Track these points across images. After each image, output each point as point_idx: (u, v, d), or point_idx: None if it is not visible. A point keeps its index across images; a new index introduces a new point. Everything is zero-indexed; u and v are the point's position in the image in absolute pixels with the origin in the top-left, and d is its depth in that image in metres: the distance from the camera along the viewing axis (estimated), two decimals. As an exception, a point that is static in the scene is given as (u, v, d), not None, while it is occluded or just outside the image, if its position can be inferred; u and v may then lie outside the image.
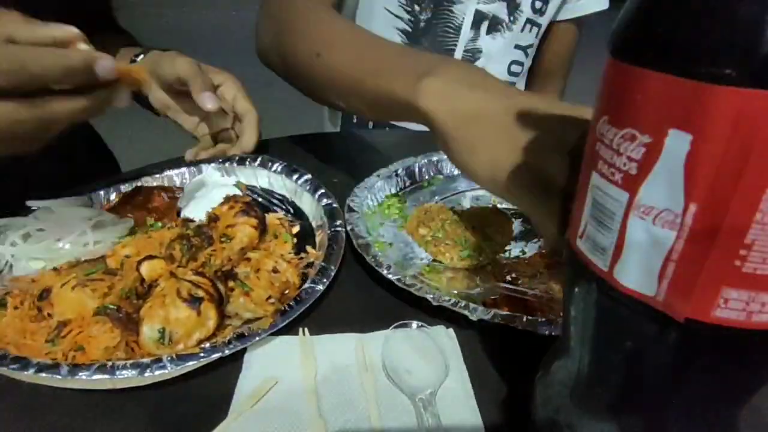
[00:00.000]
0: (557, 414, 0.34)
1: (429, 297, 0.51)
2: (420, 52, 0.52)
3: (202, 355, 0.46)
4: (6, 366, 0.44)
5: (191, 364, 0.45)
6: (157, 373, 0.44)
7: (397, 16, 0.82)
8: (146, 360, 0.45)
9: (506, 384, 0.47)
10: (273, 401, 0.45)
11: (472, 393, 0.45)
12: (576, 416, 0.32)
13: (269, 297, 0.53)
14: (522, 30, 0.86)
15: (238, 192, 0.72)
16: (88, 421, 0.43)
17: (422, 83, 0.45)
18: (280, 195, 0.75)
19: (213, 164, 0.77)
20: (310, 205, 0.71)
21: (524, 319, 0.48)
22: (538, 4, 0.86)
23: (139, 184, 0.74)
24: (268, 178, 0.76)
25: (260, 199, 0.74)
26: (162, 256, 0.54)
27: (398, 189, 0.75)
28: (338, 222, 0.64)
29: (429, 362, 0.48)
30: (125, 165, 1.00)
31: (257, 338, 0.48)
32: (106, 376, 0.43)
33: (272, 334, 0.49)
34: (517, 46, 0.86)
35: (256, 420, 0.43)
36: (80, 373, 0.43)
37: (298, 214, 0.71)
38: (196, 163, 0.77)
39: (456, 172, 0.78)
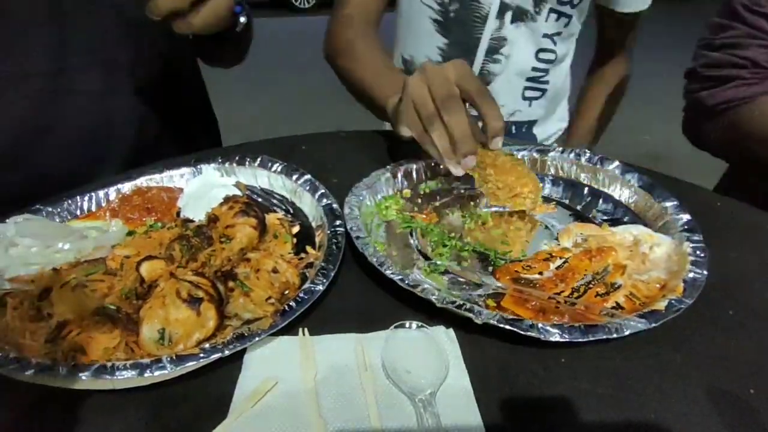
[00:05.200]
0: None
1: (433, 298, 0.51)
2: (397, 76, 0.81)
3: (201, 355, 0.46)
4: (5, 366, 0.44)
5: (191, 365, 0.45)
6: (156, 373, 0.44)
7: (429, 7, 0.92)
8: (146, 360, 0.45)
9: (506, 384, 0.47)
10: (273, 401, 0.45)
11: (472, 393, 0.45)
12: None
13: (269, 297, 0.53)
14: (547, 19, 0.90)
15: (237, 192, 0.72)
16: (87, 422, 0.43)
17: (389, 100, 0.74)
18: (279, 195, 0.75)
19: (213, 164, 0.77)
20: (309, 205, 0.71)
21: (529, 324, 0.48)
22: None
23: (139, 184, 0.74)
24: (267, 178, 0.76)
25: (260, 200, 0.74)
26: (162, 257, 0.54)
27: (396, 190, 0.75)
28: (338, 222, 0.64)
29: (429, 362, 0.48)
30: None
31: (257, 339, 0.48)
32: (106, 377, 0.43)
33: (272, 335, 0.49)
34: (544, 35, 0.90)
35: (256, 420, 0.43)
36: (80, 374, 0.43)
37: (298, 214, 0.71)
38: (196, 163, 0.77)
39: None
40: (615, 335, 0.47)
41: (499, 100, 0.90)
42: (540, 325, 0.48)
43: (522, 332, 0.47)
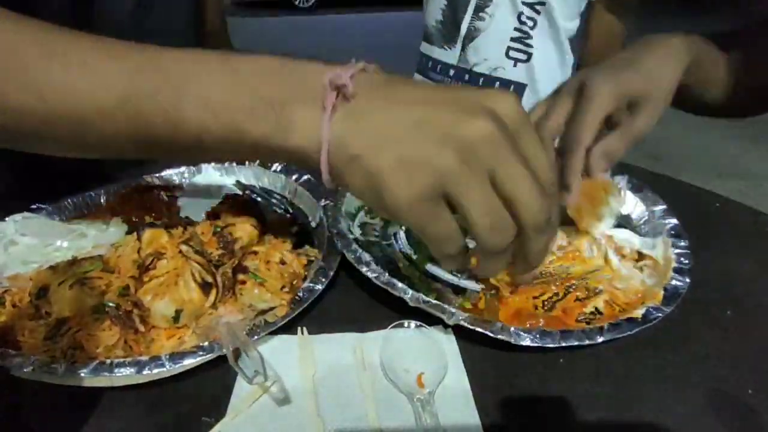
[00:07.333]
0: None
1: (406, 297, 0.51)
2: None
3: (200, 353, 0.46)
4: (4, 364, 0.44)
5: (189, 363, 0.45)
6: (155, 371, 0.44)
7: None
8: (144, 358, 0.45)
9: (505, 384, 0.47)
10: (271, 400, 0.45)
11: (471, 392, 0.45)
12: None
13: (283, 286, 0.53)
14: None
15: (237, 191, 0.72)
16: (86, 419, 0.43)
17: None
18: (279, 194, 0.75)
19: (213, 164, 0.77)
20: (309, 204, 0.71)
21: (500, 327, 0.48)
22: None
23: (138, 183, 0.74)
24: (267, 177, 0.76)
25: (259, 199, 0.74)
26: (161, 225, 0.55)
27: None
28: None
29: (427, 362, 0.47)
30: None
31: (256, 337, 0.48)
32: (105, 374, 0.43)
33: (271, 333, 0.49)
34: (523, 2, 1.00)
35: (254, 419, 0.43)
36: (79, 371, 0.43)
37: (298, 214, 0.71)
38: (196, 163, 0.77)
39: None
40: (587, 342, 0.47)
41: (483, 54, 1.02)
42: (512, 328, 0.48)
43: (493, 335, 0.47)
